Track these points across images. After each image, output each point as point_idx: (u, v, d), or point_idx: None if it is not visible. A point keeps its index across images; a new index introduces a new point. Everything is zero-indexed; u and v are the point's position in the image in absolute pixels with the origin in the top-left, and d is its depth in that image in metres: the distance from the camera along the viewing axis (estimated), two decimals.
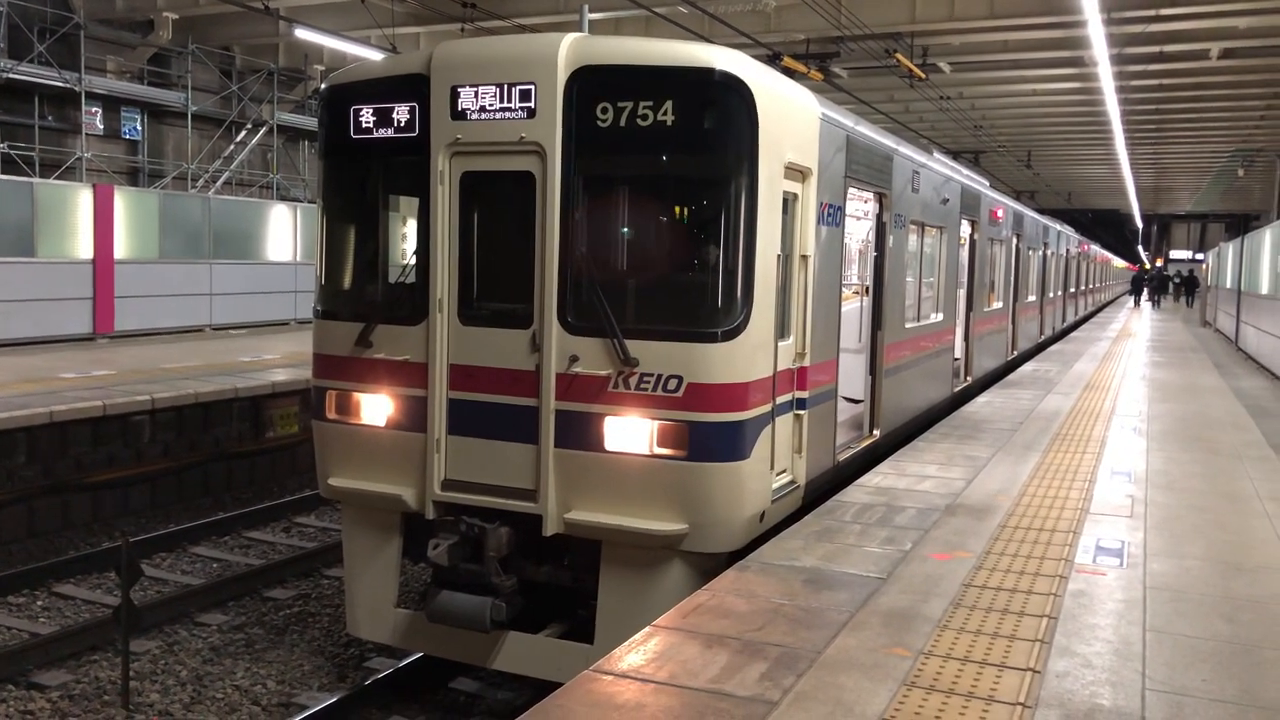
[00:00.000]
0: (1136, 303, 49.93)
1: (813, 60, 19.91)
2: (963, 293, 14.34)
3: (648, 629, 5.09)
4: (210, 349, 18.03)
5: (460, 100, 6.70)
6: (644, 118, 6.34)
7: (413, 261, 7.16)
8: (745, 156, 6.43)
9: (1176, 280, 56.76)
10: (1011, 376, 16.73)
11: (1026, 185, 46.96)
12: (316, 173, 7.83)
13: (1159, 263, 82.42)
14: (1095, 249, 45.41)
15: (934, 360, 12.32)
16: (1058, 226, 27.28)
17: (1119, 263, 72.74)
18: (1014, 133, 35.77)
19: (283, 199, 26.66)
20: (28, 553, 10.85)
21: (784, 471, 7.32)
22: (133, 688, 7.70)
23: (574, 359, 6.49)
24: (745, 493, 6.52)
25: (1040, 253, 22.44)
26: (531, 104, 6.52)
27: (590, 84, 6.44)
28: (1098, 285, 47.28)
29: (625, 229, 6.83)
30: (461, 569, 6.74)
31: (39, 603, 9.56)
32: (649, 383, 6.35)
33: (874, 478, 8.67)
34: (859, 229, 10.09)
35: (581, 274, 6.57)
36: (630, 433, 6.41)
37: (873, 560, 6.29)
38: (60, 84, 21.54)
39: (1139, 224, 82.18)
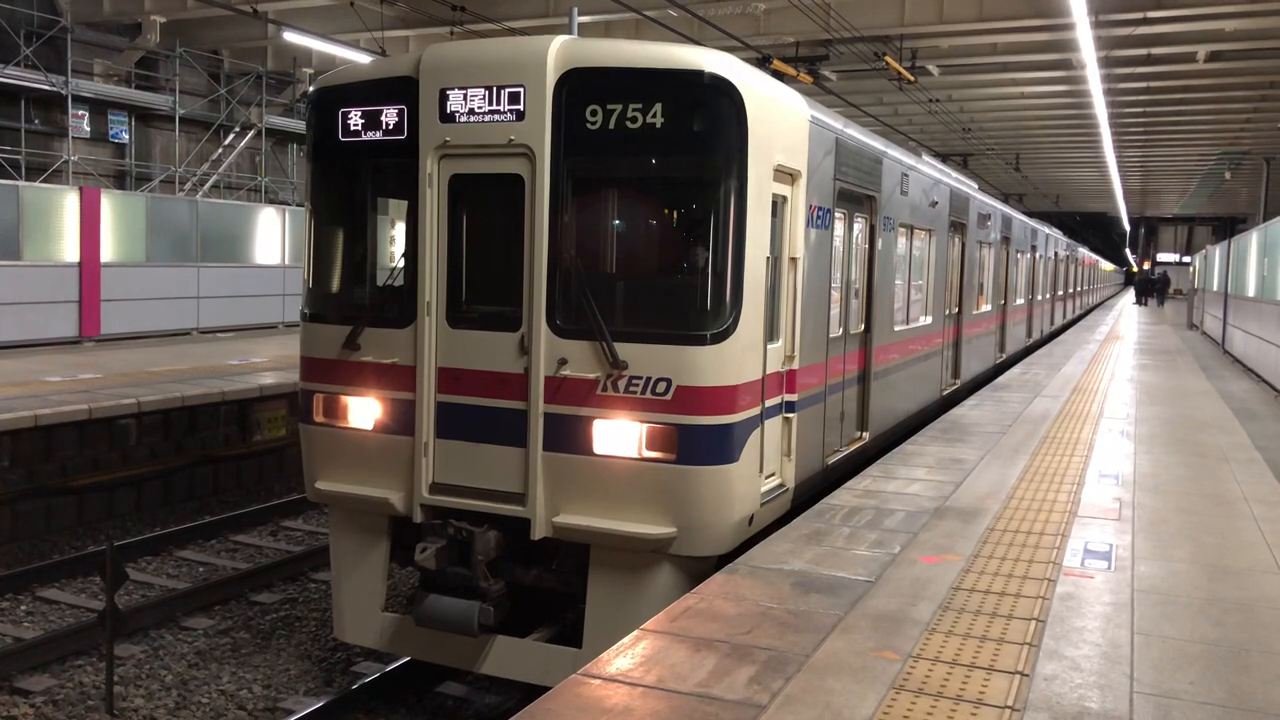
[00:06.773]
0: (1138, 301, 57.00)
1: (802, 63, 19.89)
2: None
3: (636, 633, 5.08)
4: (197, 352, 17.96)
5: (449, 103, 6.68)
6: (633, 120, 6.33)
7: (401, 264, 7.14)
8: (734, 159, 6.42)
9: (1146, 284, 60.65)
10: (1000, 379, 16.76)
11: (1015, 188, 47.14)
12: (305, 176, 7.80)
13: (1145, 265, 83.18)
14: (1083, 251, 45.59)
15: (923, 363, 12.34)
16: (1046, 229, 27.34)
17: (1106, 265, 73.46)
18: (1002, 135, 35.88)
19: (271, 202, 26.58)
20: (11, 556, 10.79)
21: (773, 475, 7.30)
22: (117, 693, 7.65)
23: (563, 362, 6.48)
24: (734, 496, 6.51)
25: (1028, 255, 22.50)
26: (520, 106, 6.50)
27: (579, 86, 6.43)
28: (1086, 288, 47.47)
29: (614, 232, 6.81)
30: (449, 573, 6.71)
31: (23, 607, 9.50)
32: (638, 385, 6.34)
33: (863, 480, 8.66)
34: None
35: (570, 277, 6.55)
36: (619, 436, 6.39)
37: (861, 563, 6.29)
38: (47, 87, 21.45)
39: (1126, 227, 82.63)
